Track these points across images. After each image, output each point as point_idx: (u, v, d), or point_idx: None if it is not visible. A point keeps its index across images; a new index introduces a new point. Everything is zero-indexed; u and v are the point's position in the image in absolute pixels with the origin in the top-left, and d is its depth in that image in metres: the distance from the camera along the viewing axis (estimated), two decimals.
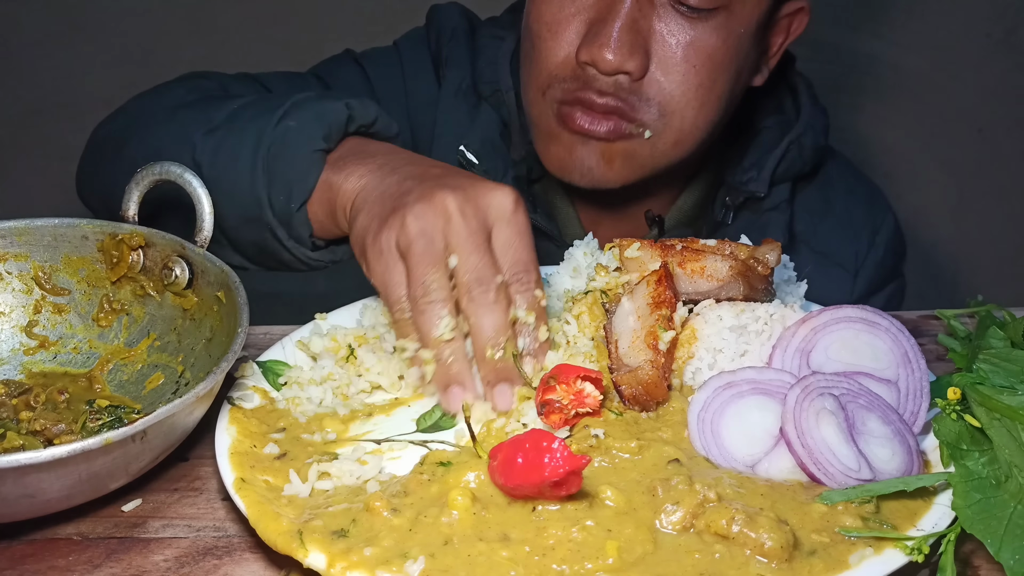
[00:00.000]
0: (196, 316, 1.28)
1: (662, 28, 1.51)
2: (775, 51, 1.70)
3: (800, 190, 1.83)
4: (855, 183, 1.93)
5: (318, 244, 1.45)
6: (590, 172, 1.60)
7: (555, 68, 1.56)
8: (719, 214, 1.77)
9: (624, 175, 1.61)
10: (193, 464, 1.20)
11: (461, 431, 1.23)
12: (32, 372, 1.31)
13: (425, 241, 1.19)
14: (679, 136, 1.57)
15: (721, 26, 1.52)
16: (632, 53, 1.49)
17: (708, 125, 1.59)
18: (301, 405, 1.24)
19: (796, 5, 1.67)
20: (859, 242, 1.87)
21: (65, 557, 1.06)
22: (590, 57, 1.50)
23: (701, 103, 1.55)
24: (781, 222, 1.77)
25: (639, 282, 1.27)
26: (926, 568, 1.04)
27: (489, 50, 1.79)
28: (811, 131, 1.78)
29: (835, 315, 1.23)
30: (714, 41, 1.52)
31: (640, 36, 1.51)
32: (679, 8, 1.50)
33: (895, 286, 1.93)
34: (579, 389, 1.17)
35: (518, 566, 0.98)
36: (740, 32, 1.55)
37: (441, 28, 1.84)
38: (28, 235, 1.32)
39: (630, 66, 1.49)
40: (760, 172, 1.75)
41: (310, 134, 1.39)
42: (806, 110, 1.79)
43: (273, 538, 1.02)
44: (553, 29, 1.56)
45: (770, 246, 1.29)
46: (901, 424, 1.14)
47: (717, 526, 1.01)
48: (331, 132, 1.40)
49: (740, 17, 1.54)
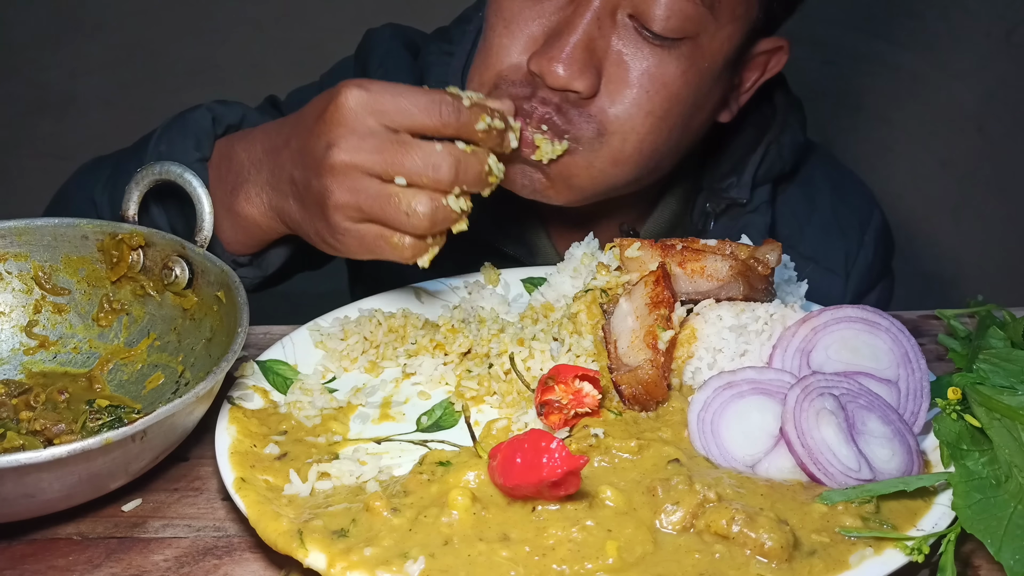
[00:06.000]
0: (196, 316, 1.28)
1: (620, 49, 1.44)
2: (747, 87, 1.63)
3: (781, 191, 1.77)
4: (839, 179, 1.88)
5: (240, 261, 1.47)
6: (530, 185, 1.50)
7: (505, 70, 1.48)
8: (699, 222, 1.72)
9: (566, 195, 1.51)
10: (193, 464, 1.20)
11: (461, 431, 1.23)
12: (32, 372, 1.31)
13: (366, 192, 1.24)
14: (618, 157, 1.47)
15: (684, 57, 1.44)
16: (582, 72, 1.41)
17: (654, 153, 1.50)
18: (304, 410, 1.24)
19: (774, 43, 1.59)
20: (848, 243, 1.81)
21: (65, 557, 1.06)
22: (539, 69, 1.42)
23: (648, 130, 1.46)
24: (761, 224, 1.71)
25: (637, 282, 1.27)
26: (926, 568, 1.04)
27: (437, 68, 1.72)
28: (789, 129, 1.72)
29: (835, 315, 1.23)
30: (673, 71, 1.44)
31: (594, 55, 1.43)
32: (642, 32, 1.43)
33: (884, 284, 1.89)
34: (578, 389, 1.17)
35: (518, 566, 0.98)
36: (704, 67, 1.47)
37: (370, 54, 1.78)
38: (28, 235, 1.32)
39: (578, 85, 1.41)
40: (740, 177, 1.69)
41: (181, 149, 1.43)
42: (781, 107, 1.72)
43: (273, 538, 1.02)
44: (510, 27, 1.48)
45: (770, 246, 1.29)
46: (901, 424, 1.14)
47: (717, 526, 1.01)
48: (200, 139, 1.44)
49: (706, 51, 1.46)
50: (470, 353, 1.32)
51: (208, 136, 1.46)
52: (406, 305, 1.43)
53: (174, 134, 1.47)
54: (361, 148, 1.24)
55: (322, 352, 1.35)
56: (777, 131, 1.70)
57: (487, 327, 1.33)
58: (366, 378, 1.33)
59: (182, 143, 1.45)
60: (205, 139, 1.45)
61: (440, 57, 1.73)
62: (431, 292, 1.47)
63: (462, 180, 1.26)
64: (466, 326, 1.35)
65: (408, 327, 1.37)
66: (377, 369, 1.34)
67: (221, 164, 1.43)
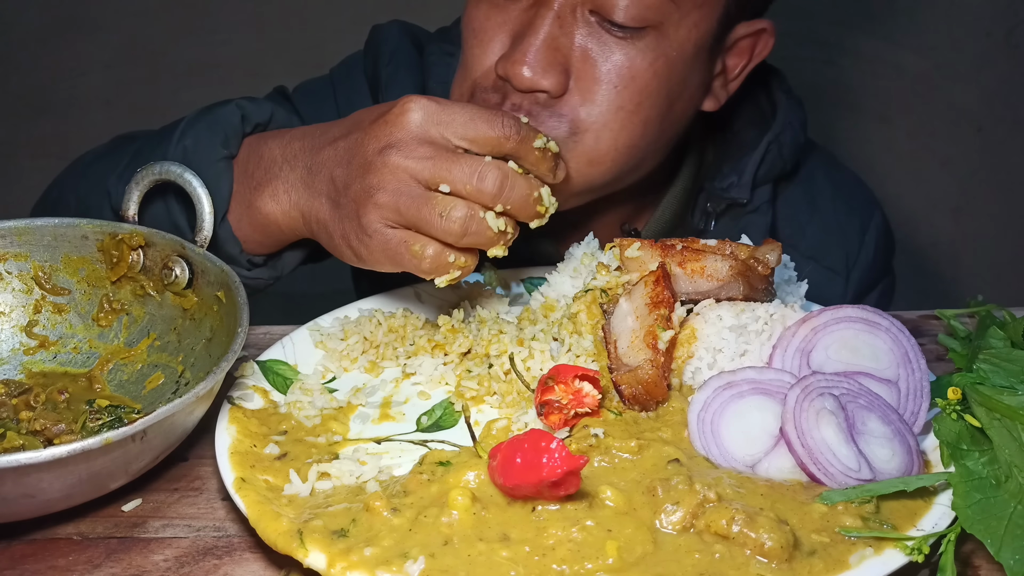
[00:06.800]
0: (196, 316, 1.28)
1: (584, 45, 1.44)
2: (736, 75, 1.62)
3: (782, 190, 1.77)
4: (840, 179, 1.88)
5: (255, 262, 1.45)
6: None
7: (479, 77, 1.50)
8: (700, 222, 1.71)
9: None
10: (193, 464, 1.20)
11: (461, 431, 1.23)
12: (32, 372, 1.31)
13: (408, 195, 1.20)
14: (592, 156, 1.47)
15: (649, 48, 1.44)
16: (547, 71, 1.42)
17: (631, 149, 1.50)
18: (304, 410, 1.24)
19: (756, 26, 1.58)
20: (849, 243, 1.81)
21: (65, 557, 1.06)
22: (505, 72, 1.44)
23: (621, 126, 1.46)
24: (762, 224, 1.71)
25: (637, 282, 1.27)
26: (926, 568, 1.04)
27: (439, 68, 1.72)
28: (789, 128, 1.71)
29: (835, 315, 1.23)
30: (640, 63, 1.44)
31: (559, 54, 1.43)
32: (604, 26, 1.43)
33: (885, 283, 1.89)
34: (577, 388, 1.17)
35: (518, 566, 0.98)
36: (672, 55, 1.46)
37: (379, 51, 1.78)
38: (28, 235, 1.32)
39: (545, 84, 1.42)
40: (741, 177, 1.68)
41: (208, 146, 1.40)
42: (782, 106, 1.72)
43: (273, 538, 1.02)
44: (479, 37, 1.50)
45: (770, 246, 1.29)
46: (901, 424, 1.14)
47: (717, 526, 1.01)
48: (228, 137, 1.41)
49: (673, 40, 1.46)
50: (470, 353, 1.32)
51: (236, 134, 1.43)
52: (406, 305, 1.44)
53: (201, 129, 1.44)
54: (415, 154, 1.23)
55: (322, 352, 1.35)
56: (778, 130, 1.70)
57: (487, 327, 1.33)
58: (366, 378, 1.33)
59: (209, 139, 1.42)
60: (233, 137, 1.42)
61: (442, 58, 1.73)
62: (431, 292, 1.47)
63: (507, 197, 1.24)
64: (466, 326, 1.35)
65: (408, 327, 1.37)
66: (377, 369, 1.34)
67: (249, 160, 1.41)
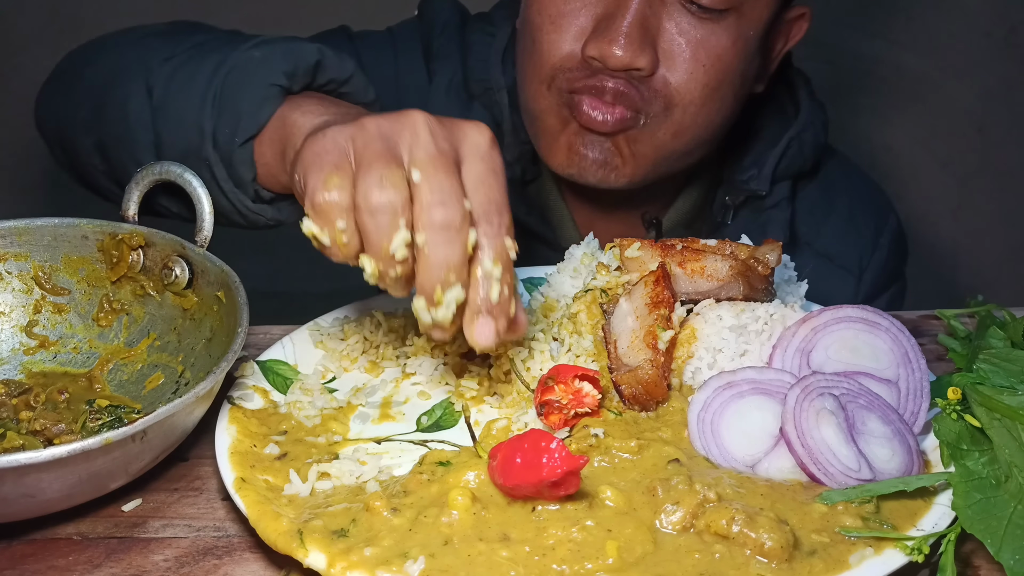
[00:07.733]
0: (196, 316, 1.28)
1: (671, 26, 1.51)
2: (775, 56, 1.70)
3: (801, 188, 1.82)
4: (858, 182, 1.92)
5: (262, 195, 1.35)
6: (597, 168, 1.58)
7: (559, 61, 1.54)
8: (719, 214, 1.76)
9: (631, 172, 1.59)
10: (193, 464, 1.20)
11: (461, 431, 1.23)
12: (32, 372, 1.31)
13: (383, 143, 1.04)
14: (678, 128, 1.56)
15: (731, 27, 1.52)
16: (642, 49, 1.48)
17: (708, 124, 1.58)
18: (304, 410, 1.24)
19: (798, 11, 1.67)
20: (863, 244, 1.86)
21: (65, 557, 1.06)
22: (599, 53, 1.49)
23: (704, 101, 1.54)
24: (781, 220, 1.76)
25: (637, 282, 1.27)
26: (926, 568, 1.04)
27: (479, 47, 1.76)
28: (811, 128, 1.77)
29: (835, 315, 1.23)
30: (724, 42, 1.52)
31: (649, 33, 1.50)
32: (689, 7, 1.50)
33: (896, 288, 1.92)
34: (577, 388, 1.17)
35: (518, 566, 0.98)
36: (749, 35, 1.55)
37: (433, 21, 1.81)
38: (28, 235, 1.32)
39: (641, 62, 1.49)
40: (761, 170, 1.74)
41: (272, 66, 1.30)
42: (805, 107, 1.78)
43: (273, 538, 1.02)
44: (557, 22, 1.54)
45: (770, 246, 1.29)
46: (901, 424, 1.14)
47: (717, 526, 1.01)
48: (296, 70, 1.31)
49: (750, 19, 1.54)
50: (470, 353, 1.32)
51: (306, 74, 1.32)
52: (406, 305, 1.43)
53: (275, 50, 1.33)
54: (438, 134, 1.06)
55: (322, 352, 1.35)
56: (800, 128, 1.77)
57: None
58: (366, 378, 1.33)
59: (276, 62, 1.31)
60: (302, 75, 1.31)
61: (483, 36, 1.77)
62: None
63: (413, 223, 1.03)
64: None
65: (408, 327, 1.37)
66: (377, 369, 1.34)
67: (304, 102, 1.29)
